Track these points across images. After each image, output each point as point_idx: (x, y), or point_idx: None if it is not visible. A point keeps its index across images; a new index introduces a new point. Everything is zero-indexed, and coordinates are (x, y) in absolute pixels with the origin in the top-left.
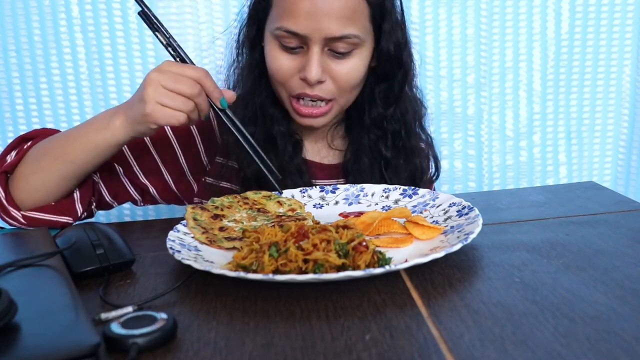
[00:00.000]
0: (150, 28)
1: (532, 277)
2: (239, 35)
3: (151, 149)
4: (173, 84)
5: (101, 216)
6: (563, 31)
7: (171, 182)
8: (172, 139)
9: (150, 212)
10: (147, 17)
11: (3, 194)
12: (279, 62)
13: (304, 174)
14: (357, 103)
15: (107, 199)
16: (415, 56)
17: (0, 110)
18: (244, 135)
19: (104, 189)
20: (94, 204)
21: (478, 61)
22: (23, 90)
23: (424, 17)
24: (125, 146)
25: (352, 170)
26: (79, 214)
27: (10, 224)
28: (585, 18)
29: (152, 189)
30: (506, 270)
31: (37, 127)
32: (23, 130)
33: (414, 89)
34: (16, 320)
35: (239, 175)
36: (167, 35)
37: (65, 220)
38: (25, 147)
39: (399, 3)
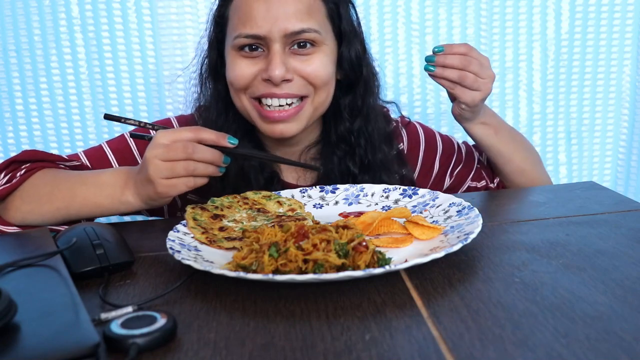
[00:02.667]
0: (120, 121)
1: (532, 277)
2: (201, 69)
3: (139, 162)
4: (167, 154)
5: None
6: (563, 31)
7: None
8: None
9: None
10: (113, 117)
11: None
12: (239, 68)
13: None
14: (327, 120)
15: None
16: (413, 68)
17: (0, 110)
18: (268, 157)
19: None
20: None
21: None
22: (23, 90)
23: (424, 17)
24: (114, 158)
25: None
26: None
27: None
28: (585, 18)
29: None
30: (506, 270)
31: (37, 127)
32: (23, 130)
33: (378, 103)
34: (16, 320)
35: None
36: (137, 122)
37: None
38: (19, 175)
39: (354, 13)
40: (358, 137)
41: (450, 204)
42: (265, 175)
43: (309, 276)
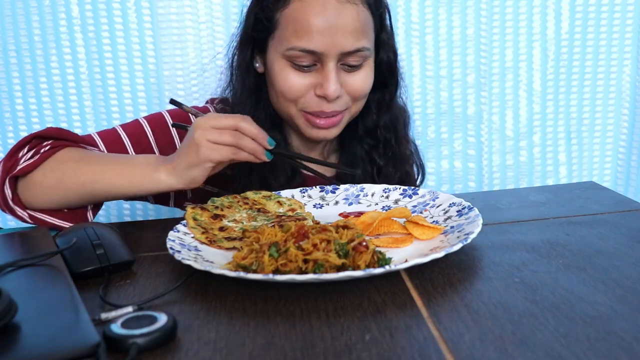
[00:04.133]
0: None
1: (532, 277)
2: (232, 59)
3: (154, 147)
4: (215, 134)
5: (101, 216)
6: (563, 31)
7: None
8: (176, 142)
9: (150, 212)
10: (177, 103)
11: (10, 195)
12: (292, 81)
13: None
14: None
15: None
16: (414, 68)
17: (0, 110)
18: (301, 161)
19: None
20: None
21: (478, 61)
22: (23, 90)
23: (424, 17)
24: (129, 142)
25: (345, 181)
26: (89, 221)
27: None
28: (585, 18)
29: (171, 199)
30: (506, 270)
31: (37, 127)
32: (23, 130)
33: (402, 98)
34: (16, 320)
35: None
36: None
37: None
38: (43, 150)
39: (388, 18)
40: (385, 130)
41: (450, 204)
42: (291, 165)
43: (309, 276)
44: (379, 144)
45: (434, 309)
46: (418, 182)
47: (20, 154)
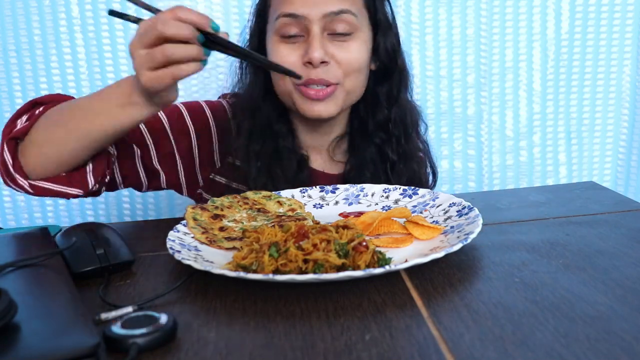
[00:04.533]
0: (124, 18)
1: (532, 277)
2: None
3: (170, 134)
4: (142, 39)
5: (101, 216)
6: (563, 31)
7: (181, 171)
8: (190, 129)
9: (150, 212)
10: (116, 13)
11: (11, 161)
12: (282, 53)
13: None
14: (358, 111)
15: (117, 179)
16: (414, 68)
17: (0, 110)
18: (249, 56)
19: (117, 167)
20: (107, 178)
21: (478, 61)
22: (23, 90)
23: (424, 17)
24: (145, 128)
25: (352, 181)
26: (90, 187)
27: (15, 190)
28: (585, 18)
29: (162, 175)
30: (506, 270)
31: None
32: None
33: (411, 96)
34: (16, 320)
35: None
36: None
37: (76, 192)
38: (37, 112)
39: (389, 7)
40: (395, 125)
41: (450, 204)
42: (297, 157)
43: (309, 276)
44: (391, 139)
45: (434, 309)
46: (431, 185)
47: (19, 120)
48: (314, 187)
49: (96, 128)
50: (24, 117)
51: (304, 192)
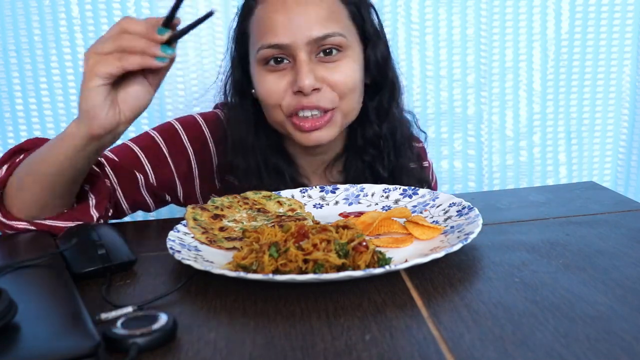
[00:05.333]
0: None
1: (532, 277)
2: (225, 89)
3: (168, 158)
4: (96, 47)
5: None
6: (563, 31)
7: (181, 193)
8: (188, 149)
9: (150, 213)
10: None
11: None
12: (268, 84)
13: None
14: (354, 128)
15: (124, 206)
16: (414, 68)
17: (0, 110)
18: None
19: (122, 197)
20: (111, 210)
21: (478, 61)
22: (23, 90)
23: (424, 17)
24: (142, 154)
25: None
26: (95, 220)
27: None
28: (585, 18)
29: (167, 197)
30: (506, 270)
31: (37, 127)
32: (23, 130)
33: (402, 109)
34: (16, 320)
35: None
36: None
37: None
38: (17, 160)
39: (375, 15)
40: (386, 140)
41: (450, 204)
42: (298, 185)
43: (309, 276)
44: (382, 155)
45: (434, 309)
46: None
47: (3, 168)
48: (313, 187)
49: (51, 168)
50: (4, 167)
51: (304, 192)
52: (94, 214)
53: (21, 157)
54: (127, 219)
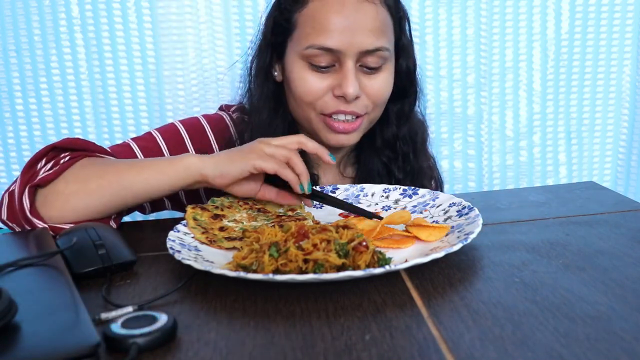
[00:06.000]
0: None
1: (532, 277)
2: (250, 66)
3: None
4: (270, 149)
5: None
6: (563, 31)
7: (183, 197)
8: (191, 151)
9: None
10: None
11: (28, 206)
12: (310, 82)
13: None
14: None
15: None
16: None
17: (0, 110)
18: (337, 202)
19: None
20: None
21: (478, 61)
22: (23, 90)
23: (424, 17)
24: (142, 156)
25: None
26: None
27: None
28: (585, 18)
29: (167, 202)
30: (506, 270)
31: (37, 127)
32: (23, 130)
33: (422, 111)
34: (16, 320)
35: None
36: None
37: None
38: (62, 161)
39: (409, 26)
40: (404, 143)
41: (450, 204)
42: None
43: (309, 276)
44: (398, 157)
45: (434, 309)
46: None
47: (39, 165)
48: (313, 187)
49: (138, 185)
50: (44, 163)
51: None
52: (112, 225)
53: (66, 159)
54: (127, 218)
